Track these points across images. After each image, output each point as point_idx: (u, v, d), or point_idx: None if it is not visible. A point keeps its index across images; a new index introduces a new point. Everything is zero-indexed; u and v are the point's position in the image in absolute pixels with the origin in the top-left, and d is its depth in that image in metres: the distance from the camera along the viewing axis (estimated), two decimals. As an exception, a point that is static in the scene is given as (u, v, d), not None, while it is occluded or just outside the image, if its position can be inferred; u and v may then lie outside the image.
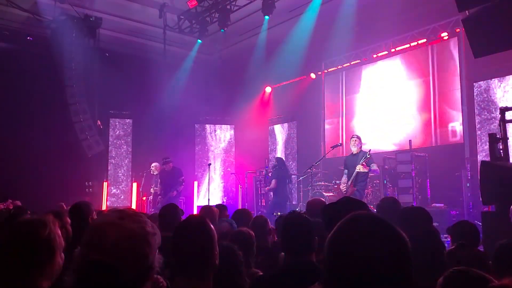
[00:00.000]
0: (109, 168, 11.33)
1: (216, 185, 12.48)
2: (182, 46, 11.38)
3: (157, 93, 10.86)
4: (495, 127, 7.43)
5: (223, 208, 4.73)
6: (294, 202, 10.52)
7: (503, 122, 5.18)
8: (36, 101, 9.64)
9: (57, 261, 1.55)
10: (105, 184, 10.92)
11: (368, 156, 7.10)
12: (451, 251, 2.50)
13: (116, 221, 1.13)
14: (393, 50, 10.00)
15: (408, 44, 9.66)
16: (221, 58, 11.65)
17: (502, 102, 7.82)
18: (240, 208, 4.65)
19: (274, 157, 9.14)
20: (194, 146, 12.57)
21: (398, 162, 8.47)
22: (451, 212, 7.71)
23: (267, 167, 11.99)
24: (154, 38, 11.01)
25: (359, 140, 7.45)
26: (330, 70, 11.52)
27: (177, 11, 10.57)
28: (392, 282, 0.91)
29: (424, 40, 9.39)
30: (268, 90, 13.00)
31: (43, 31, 9.84)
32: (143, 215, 1.26)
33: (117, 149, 11.56)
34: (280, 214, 5.47)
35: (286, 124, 12.42)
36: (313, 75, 11.68)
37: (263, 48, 10.98)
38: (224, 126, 12.91)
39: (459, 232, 2.99)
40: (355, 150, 7.38)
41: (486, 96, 8.31)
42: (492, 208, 4.68)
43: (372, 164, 7.17)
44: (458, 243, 2.59)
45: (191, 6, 9.87)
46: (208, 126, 12.80)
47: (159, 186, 9.60)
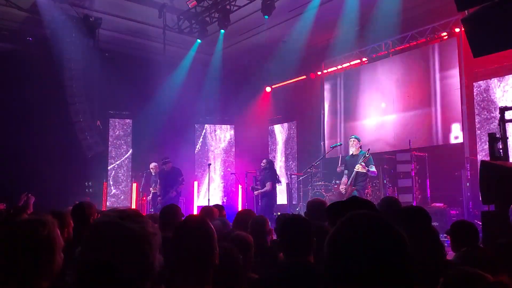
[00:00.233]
0: (109, 168, 11.33)
1: (216, 185, 12.48)
2: (182, 46, 11.37)
3: (157, 93, 10.85)
4: (494, 126, 7.44)
5: (220, 208, 4.77)
6: (294, 202, 10.52)
7: (502, 122, 5.19)
8: (36, 101, 9.62)
9: (56, 260, 1.55)
10: (105, 185, 10.92)
11: (367, 155, 7.10)
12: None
13: (116, 221, 1.13)
14: (392, 50, 10.00)
15: (408, 44, 9.67)
16: (221, 58, 11.65)
17: (501, 102, 7.84)
18: (243, 209, 4.64)
19: (265, 159, 9.04)
20: (194, 146, 12.56)
21: (398, 162, 8.49)
22: (451, 212, 7.72)
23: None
24: (153, 38, 11.00)
25: (358, 141, 7.45)
26: (330, 70, 11.53)
27: (176, 11, 10.56)
28: (392, 281, 0.92)
29: (423, 40, 9.40)
30: (268, 90, 13.00)
31: (43, 31, 9.82)
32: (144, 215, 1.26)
33: (117, 149, 11.55)
34: (280, 213, 5.47)
35: (286, 124, 12.42)
36: (313, 75, 11.69)
37: (263, 48, 10.97)
38: (224, 126, 12.90)
39: (459, 232, 2.99)
40: (354, 151, 7.38)
41: (485, 95, 8.32)
42: (492, 207, 4.68)
43: (371, 165, 7.16)
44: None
45: (191, 6, 9.87)
46: (208, 126, 12.80)
47: (158, 186, 9.57)
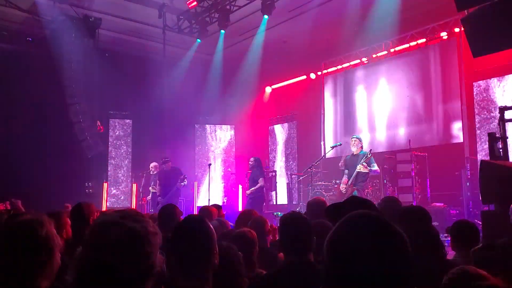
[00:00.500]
0: (109, 168, 11.32)
1: (216, 185, 12.47)
2: (182, 46, 11.37)
3: (156, 93, 10.84)
4: (494, 126, 7.44)
5: (218, 207, 4.80)
6: (294, 202, 10.52)
7: (502, 121, 5.19)
8: (36, 101, 9.62)
9: (55, 260, 1.55)
10: (105, 185, 10.92)
11: (369, 155, 7.10)
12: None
13: (117, 220, 1.13)
14: (392, 50, 10.01)
15: (408, 44, 9.68)
16: (221, 58, 11.65)
17: (501, 102, 7.83)
18: (245, 210, 4.63)
19: (252, 157, 9.00)
20: (194, 146, 12.54)
21: (398, 162, 8.48)
22: (451, 212, 7.72)
23: (267, 167, 12.00)
24: (153, 38, 11.00)
25: (359, 140, 7.44)
26: (330, 70, 11.53)
27: (176, 11, 10.57)
28: (392, 281, 0.92)
29: (423, 40, 9.40)
30: (268, 90, 13.00)
31: (42, 32, 9.82)
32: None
33: (116, 149, 11.55)
34: (282, 214, 5.47)
35: (286, 124, 12.42)
36: (312, 75, 11.69)
37: (263, 48, 10.97)
38: (224, 126, 12.89)
39: (459, 231, 2.99)
40: (355, 150, 7.37)
41: (485, 95, 8.32)
42: (492, 207, 4.68)
43: (373, 164, 7.15)
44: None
45: (190, 6, 9.87)
46: (208, 126, 12.79)
47: (158, 186, 9.53)
